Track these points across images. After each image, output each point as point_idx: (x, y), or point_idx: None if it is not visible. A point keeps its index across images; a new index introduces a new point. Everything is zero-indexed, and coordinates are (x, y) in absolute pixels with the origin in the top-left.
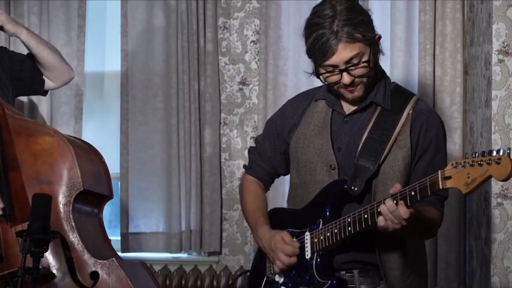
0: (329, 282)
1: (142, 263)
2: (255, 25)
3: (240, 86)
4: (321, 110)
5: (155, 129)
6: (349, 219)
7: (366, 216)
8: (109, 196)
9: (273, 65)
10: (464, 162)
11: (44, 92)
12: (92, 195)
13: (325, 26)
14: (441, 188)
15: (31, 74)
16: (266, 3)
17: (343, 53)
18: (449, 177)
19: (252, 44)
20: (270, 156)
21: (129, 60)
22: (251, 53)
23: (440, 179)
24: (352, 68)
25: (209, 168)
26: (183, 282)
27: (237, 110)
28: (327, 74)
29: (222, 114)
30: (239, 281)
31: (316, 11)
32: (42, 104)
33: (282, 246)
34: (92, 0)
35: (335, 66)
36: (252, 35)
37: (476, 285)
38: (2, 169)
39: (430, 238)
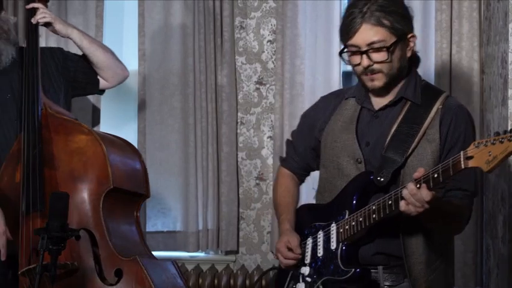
0: (353, 270)
1: (173, 261)
2: (271, 25)
3: (257, 86)
4: (351, 107)
5: (172, 129)
6: (374, 207)
7: (390, 202)
8: (145, 194)
9: (289, 64)
10: (486, 141)
11: (100, 91)
12: (126, 193)
13: (357, 6)
14: (463, 167)
15: (85, 75)
16: (283, 3)
17: (365, 33)
18: (471, 157)
19: (268, 43)
20: (302, 150)
21: (146, 60)
22: (268, 52)
23: (462, 159)
24: (371, 51)
25: (226, 168)
26: (200, 281)
27: (254, 109)
28: (350, 54)
29: (239, 114)
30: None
31: None
32: None
33: (280, 248)
34: (110, 0)
35: (357, 47)
36: (268, 35)
37: (493, 285)
38: (38, 166)
39: (456, 232)
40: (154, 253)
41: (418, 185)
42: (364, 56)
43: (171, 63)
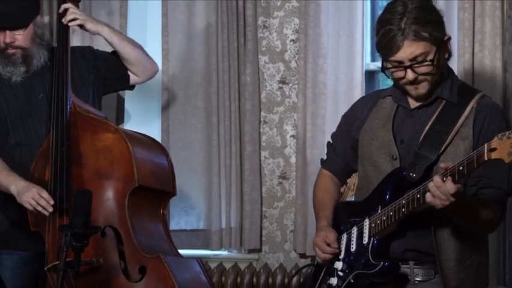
0: (381, 263)
1: (198, 259)
2: (294, 24)
3: (280, 85)
4: (387, 106)
5: (195, 128)
6: (403, 201)
7: (418, 195)
8: (172, 192)
9: (312, 63)
10: (509, 133)
11: (131, 87)
12: (152, 191)
13: (393, 22)
14: (486, 159)
15: (116, 71)
16: (305, 3)
17: (408, 50)
18: (495, 149)
19: (291, 42)
20: (342, 151)
21: (170, 60)
22: (291, 51)
23: (485, 151)
24: (416, 65)
25: (249, 166)
26: (223, 279)
27: (277, 108)
28: (393, 69)
29: (262, 113)
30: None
31: (388, 7)
32: None
33: (318, 243)
34: (134, 0)
35: (400, 62)
36: (291, 34)
37: None
38: (65, 164)
39: (488, 230)
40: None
41: (444, 178)
42: (408, 70)
43: (194, 63)
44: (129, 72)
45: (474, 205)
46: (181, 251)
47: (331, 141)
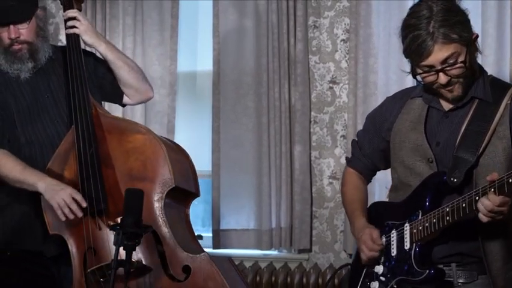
0: (427, 271)
1: (229, 259)
2: (345, 24)
3: (330, 85)
4: (417, 107)
5: (246, 128)
6: (447, 209)
7: (464, 205)
8: (196, 194)
9: (363, 63)
10: None
11: (122, 105)
12: (181, 192)
13: (421, 27)
14: None
15: (111, 85)
16: (356, 3)
17: (439, 53)
18: None
19: (342, 42)
20: (368, 151)
21: (221, 60)
22: (341, 51)
23: None
24: (448, 68)
25: (299, 166)
26: (273, 279)
27: (327, 108)
28: (424, 74)
29: (312, 113)
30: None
31: (413, 12)
32: None
33: (366, 241)
34: (185, 1)
35: (431, 67)
36: (342, 34)
37: None
38: (96, 165)
39: None
40: (228, 251)
41: (492, 189)
42: (441, 73)
43: (245, 63)
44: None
45: None
46: (231, 251)
47: (357, 140)
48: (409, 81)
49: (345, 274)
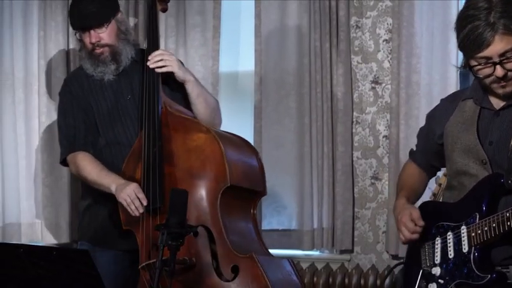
0: (489, 276)
1: (289, 259)
2: (387, 24)
3: (373, 85)
4: (469, 109)
5: (288, 128)
6: (508, 214)
7: None
8: (262, 192)
9: (405, 63)
10: None
11: None
12: (243, 191)
13: (480, 17)
14: None
15: (182, 99)
16: (399, 2)
17: (499, 45)
18: None
19: (384, 42)
20: (424, 149)
21: (262, 60)
22: (384, 51)
23: None
24: (505, 61)
25: (341, 167)
26: (315, 279)
27: (370, 108)
28: (479, 67)
29: (354, 113)
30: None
31: (470, 4)
32: None
33: (406, 221)
34: (227, 1)
35: (488, 59)
36: (384, 34)
37: None
38: (158, 163)
39: None
40: (269, 251)
41: None
42: (497, 66)
43: (287, 63)
44: None
45: None
46: (272, 251)
47: (418, 134)
48: (452, 81)
49: (398, 272)
